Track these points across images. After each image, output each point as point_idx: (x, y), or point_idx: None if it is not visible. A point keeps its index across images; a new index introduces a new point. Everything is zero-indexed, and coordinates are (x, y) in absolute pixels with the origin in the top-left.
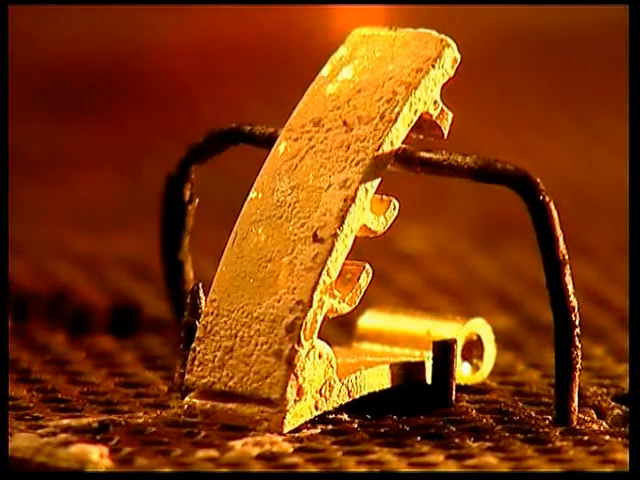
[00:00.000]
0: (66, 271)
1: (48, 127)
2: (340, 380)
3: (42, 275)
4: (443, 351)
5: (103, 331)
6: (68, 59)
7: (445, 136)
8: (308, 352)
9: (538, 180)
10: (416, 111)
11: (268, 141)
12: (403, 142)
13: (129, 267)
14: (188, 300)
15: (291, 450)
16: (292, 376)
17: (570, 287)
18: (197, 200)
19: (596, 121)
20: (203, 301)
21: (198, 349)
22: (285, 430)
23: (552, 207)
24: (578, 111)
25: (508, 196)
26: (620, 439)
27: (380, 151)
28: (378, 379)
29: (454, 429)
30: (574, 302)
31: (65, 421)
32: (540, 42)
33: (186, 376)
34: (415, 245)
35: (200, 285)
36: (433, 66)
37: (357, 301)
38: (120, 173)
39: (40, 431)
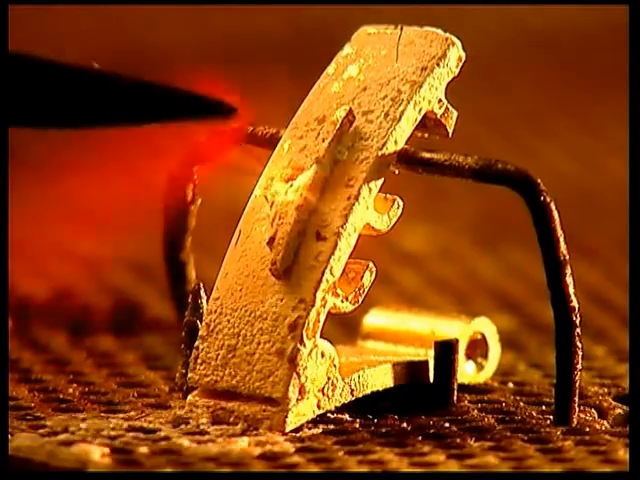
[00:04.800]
0: (67, 271)
1: None
2: (343, 379)
3: (43, 275)
4: (445, 351)
5: (104, 331)
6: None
7: (450, 135)
8: (310, 351)
9: (539, 180)
10: (421, 110)
11: (270, 141)
12: (407, 141)
13: (130, 267)
14: (189, 300)
15: (292, 450)
16: (294, 375)
17: (571, 287)
18: (200, 200)
19: (596, 121)
20: (204, 301)
21: (201, 347)
22: (287, 429)
23: (553, 207)
24: (578, 111)
25: (508, 196)
26: (621, 439)
27: (384, 150)
28: (381, 378)
29: (455, 429)
30: (575, 302)
31: (65, 420)
32: (540, 42)
33: (189, 374)
34: (416, 245)
35: (201, 285)
36: (438, 65)
37: (360, 300)
38: (120, 173)
39: (41, 431)
